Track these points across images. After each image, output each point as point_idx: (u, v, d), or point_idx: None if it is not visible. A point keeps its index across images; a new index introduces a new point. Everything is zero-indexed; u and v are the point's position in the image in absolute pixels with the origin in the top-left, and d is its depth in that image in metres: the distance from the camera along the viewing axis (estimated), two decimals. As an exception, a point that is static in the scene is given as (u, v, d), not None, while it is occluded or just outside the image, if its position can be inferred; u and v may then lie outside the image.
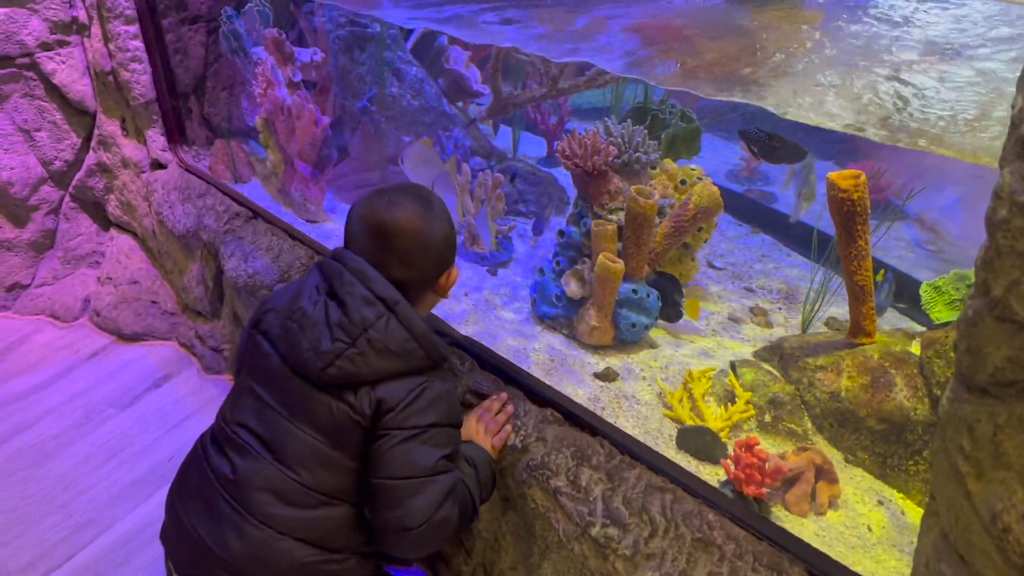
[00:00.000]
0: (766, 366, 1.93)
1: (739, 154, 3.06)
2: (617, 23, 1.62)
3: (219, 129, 3.43)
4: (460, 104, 3.01)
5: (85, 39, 3.09)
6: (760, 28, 1.59)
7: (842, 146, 2.65)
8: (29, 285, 3.43)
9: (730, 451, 1.71)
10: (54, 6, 3.01)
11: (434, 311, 2.21)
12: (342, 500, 1.49)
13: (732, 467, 1.61)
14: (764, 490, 1.58)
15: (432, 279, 1.58)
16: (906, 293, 2.13)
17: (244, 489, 1.47)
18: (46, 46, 3.06)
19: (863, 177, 1.66)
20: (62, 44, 3.09)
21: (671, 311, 2.12)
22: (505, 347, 2.10)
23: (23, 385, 3.07)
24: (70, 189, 3.36)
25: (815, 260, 2.18)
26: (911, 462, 1.65)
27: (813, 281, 2.08)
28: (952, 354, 1.55)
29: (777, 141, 2.03)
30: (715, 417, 1.80)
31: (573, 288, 2.13)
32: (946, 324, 1.71)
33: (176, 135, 3.17)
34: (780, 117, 1.58)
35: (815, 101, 1.47)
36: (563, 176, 2.92)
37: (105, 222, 3.47)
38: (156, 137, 3.13)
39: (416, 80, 2.85)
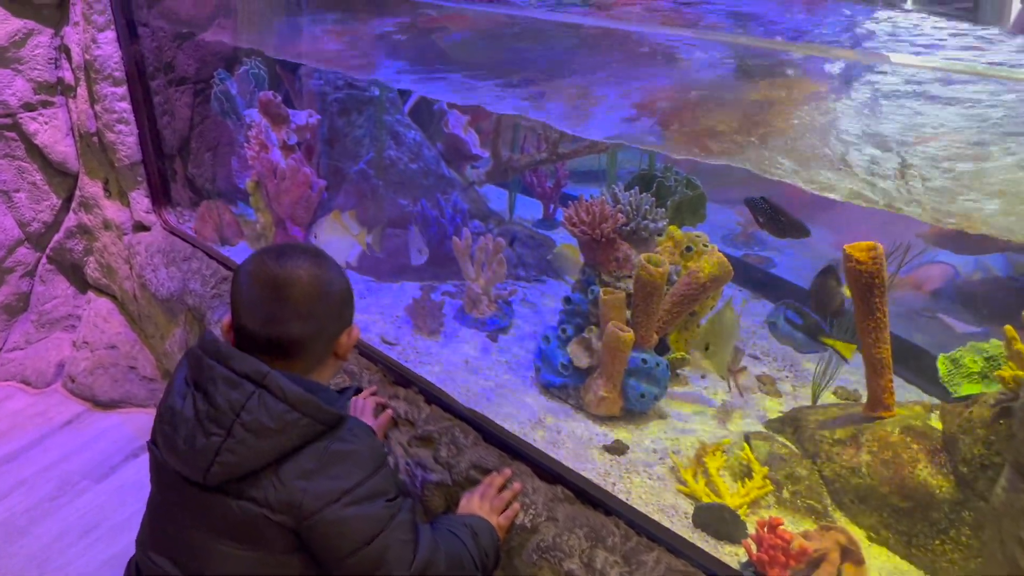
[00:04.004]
0: (780, 438, 1.89)
1: (735, 218, 3.07)
2: (617, 90, 1.61)
3: (204, 190, 3.38)
4: (468, 167, 3.01)
5: (70, 100, 3.04)
6: (763, 99, 1.59)
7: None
8: (0, 349, 3.30)
9: (750, 530, 1.65)
10: (39, 67, 2.96)
11: (435, 381, 2.15)
12: None
13: (754, 548, 1.55)
14: (788, 573, 1.52)
15: (333, 336, 1.46)
16: (909, 360, 2.13)
17: None
18: (29, 107, 3.00)
19: (880, 248, 1.65)
20: (46, 105, 3.03)
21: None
22: (509, 417, 2.04)
23: (-8, 456, 2.92)
24: (47, 251, 3.26)
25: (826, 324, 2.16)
26: (937, 541, 1.60)
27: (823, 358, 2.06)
28: (979, 431, 1.53)
29: (782, 215, 2.03)
30: (732, 493, 1.75)
31: (580, 357, 2.09)
32: (965, 398, 1.69)
33: (161, 197, 3.10)
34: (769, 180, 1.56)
35: (808, 168, 1.46)
36: (560, 239, 2.91)
37: (82, 284, 3.37)
38: (140, 199, 3.06)
39: (414, 143, 2.83)
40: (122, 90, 2.92)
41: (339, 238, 2.46)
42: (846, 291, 1.86)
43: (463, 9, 1.78)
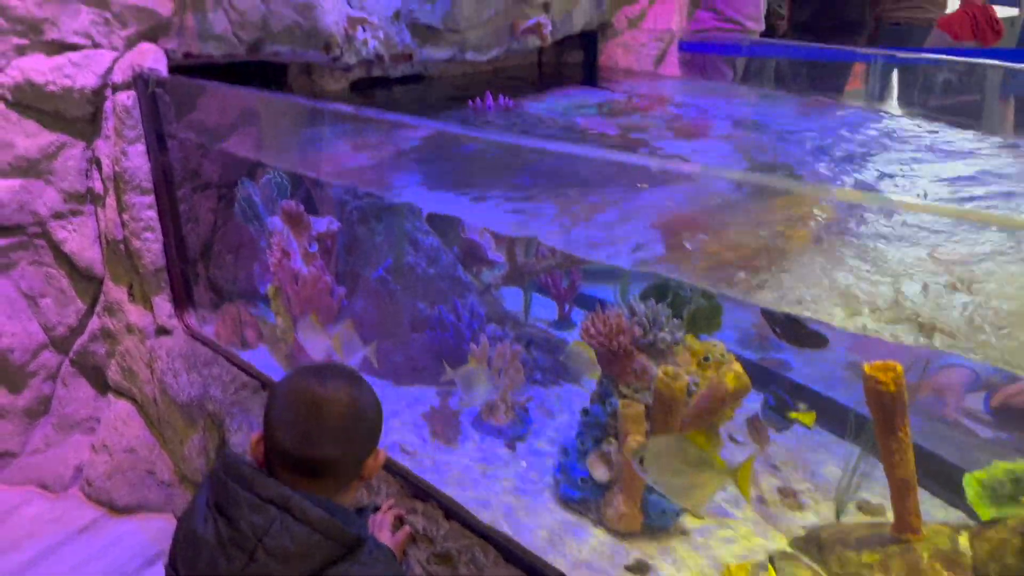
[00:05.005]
0: (805, 558, 1.85)
1: (751, 320, 3.08)
2: (631, 213, 1.65)
3: (225, 292, 3.43)
4: (485, 271, 3.06)
5: (99, 208, 3.12)
6: (774, 221, 1.61)
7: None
8: (20, 453, 3.30)
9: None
10: (71, 177, 3.06)
11: (453, 492, 2.14)
12: None
13: None
14: None
15: (362, 458, 1.48)
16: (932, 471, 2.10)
17: None
18: (59, 215, 3.09)
19: (900, 369, 1.65)
20: (75, 213, 3.11)
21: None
22: (528, 533, 2.02)
23: (8, 563, 2.89)
24: (71, 354, 3.30)
25: (849, 438, 2.15)
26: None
27: (847, 466, 2.04)
28: (1008, 560, 1.50)
29: (799, 326, 2.04)
30: (759, 617, 1.71)
31: (600, 471, 2.07)
32: (994, 521, 1.66)
33: (183, 301, 3.15)
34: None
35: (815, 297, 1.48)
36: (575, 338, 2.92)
37: (103, 387, 3.39)
38: (163, 304, 3.11)
39: (432, 249, 2.89)
40: (149, 199, 3.01)
41: (317, 337, 2.50)
42: None
43: (481, 138, 1.84)
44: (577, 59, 4.36)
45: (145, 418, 3.27)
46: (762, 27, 5.52)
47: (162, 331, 3.16)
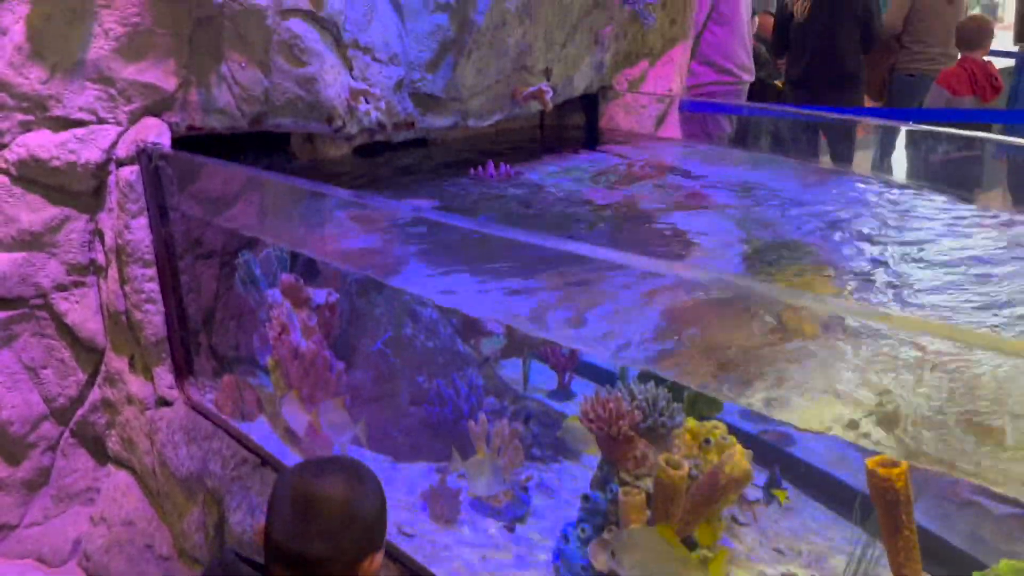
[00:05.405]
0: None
1: (753, 391, 3.05)
2: (626, 306, 1.64)
3: (227, 360, 3.42)
4: (483, 342, 3.05)
5: (101, 280, 3.14)
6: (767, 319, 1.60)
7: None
8: (18, 526, 3.28)
9: None
10: (73, 250, 3.07)
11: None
12: None
13: None
14: None
15: (358, 559, 1.44)
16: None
17: None
18: (61, 287, 3.10)
19: (905, 464, 1.62)
20: (77, 285, 3.12)
21: None
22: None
23: (2, 643, 2.86)
24: (71, 425, 3.29)
25: (856, 523, 2.11)
26: None
27: (851, 556, 2.00)
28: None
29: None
30: None
31: (601, 560, 2.04)
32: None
33: (184, 371, 3.15)
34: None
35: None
36: (575, 409, 2.90)
37: (103, 457, 3.38)
38: (164, 374, 3.11)
39: (431, 321, 2.89)
40: (151, 271, 3.02)
41: (300, 415, 2.50)
42: None
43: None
44: (579, 121, 4.39)
45: (144, 489, 3.25)
46: (753, 77, 5.58)
47: (163, 402, 3.15)
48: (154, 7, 2.85)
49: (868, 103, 6.55)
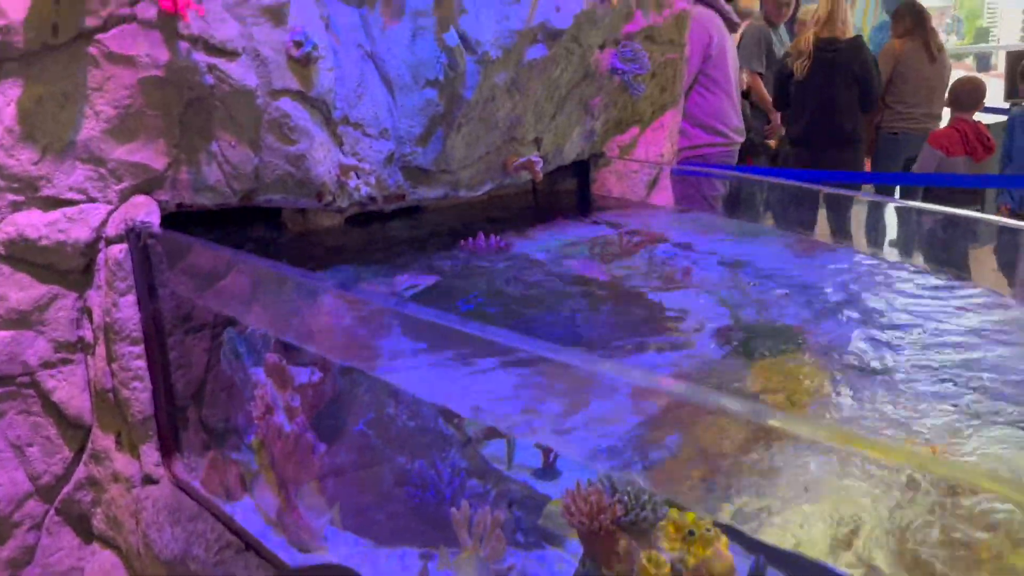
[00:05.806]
0: None
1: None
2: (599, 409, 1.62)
3: (216, 433, 3.40)
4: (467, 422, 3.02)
5: (89, 357, 3.13)
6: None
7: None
8: (1, 606, 3.24)
9: None
10: (61, 327, 3.07)
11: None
12: None
13: None
14: None
15: None
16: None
17: None
18: (48, 365, 3.09)
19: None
20: (65, 362, 3.12)
21: None
22: None
23: None
24: (56, 503, 3.26)
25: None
26: None
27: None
28: None
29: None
30: None
31: (583, 661, 1.99)
32: None
33: (171, 449, 3.13)
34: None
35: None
36: (560, 491, 2.85)
37: (88, 535, 3.34)
38: (150, 452, 3.09)
39: (413, 400, 2.87)
40: (139, 349, 3.01)
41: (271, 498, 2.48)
42: None
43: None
44: (570, 187, 4.42)
45: (129, 570, 3.21)
46: (744, 138, 5.65)
47: (149, 480, 3.12)
48: (145, 89, 2.88)
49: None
